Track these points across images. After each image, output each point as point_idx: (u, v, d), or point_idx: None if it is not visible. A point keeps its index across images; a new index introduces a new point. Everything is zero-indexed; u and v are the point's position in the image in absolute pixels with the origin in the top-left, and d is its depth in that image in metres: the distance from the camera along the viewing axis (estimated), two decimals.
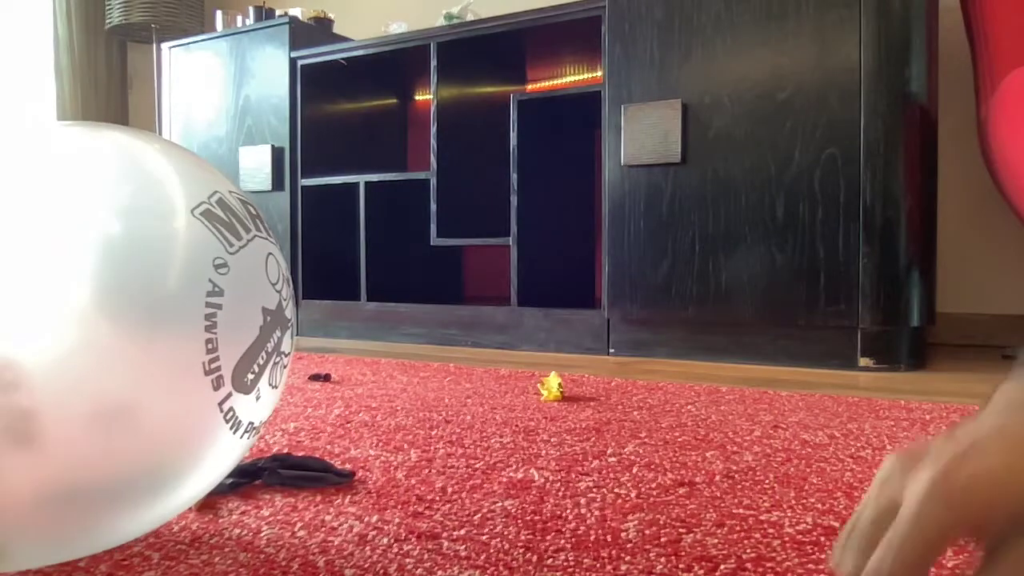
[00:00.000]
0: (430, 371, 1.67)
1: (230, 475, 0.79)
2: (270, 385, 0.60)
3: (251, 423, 0.58)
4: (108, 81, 3.76)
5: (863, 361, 1.71)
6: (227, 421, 0.55)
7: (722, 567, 0.58)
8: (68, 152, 0.54)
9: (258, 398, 0.58)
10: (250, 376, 0.56)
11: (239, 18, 2.85)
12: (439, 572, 0.58)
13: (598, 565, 0.59)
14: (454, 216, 2.35)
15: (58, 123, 0.58)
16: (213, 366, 0.52)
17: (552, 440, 1.01)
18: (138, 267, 0.50)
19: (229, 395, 0.54)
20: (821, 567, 0.58)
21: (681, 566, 0.58)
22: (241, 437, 0.58)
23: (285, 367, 0.63)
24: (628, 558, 0.60)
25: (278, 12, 2.80)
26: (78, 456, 0.48)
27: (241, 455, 0.60)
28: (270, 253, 0.61)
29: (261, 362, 0.57)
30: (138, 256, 0.51)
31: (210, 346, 0.52)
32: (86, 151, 0.55)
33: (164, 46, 2.94)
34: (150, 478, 0.52)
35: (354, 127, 2.80)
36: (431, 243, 2.33)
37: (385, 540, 0.65)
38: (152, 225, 0.52)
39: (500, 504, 0.74)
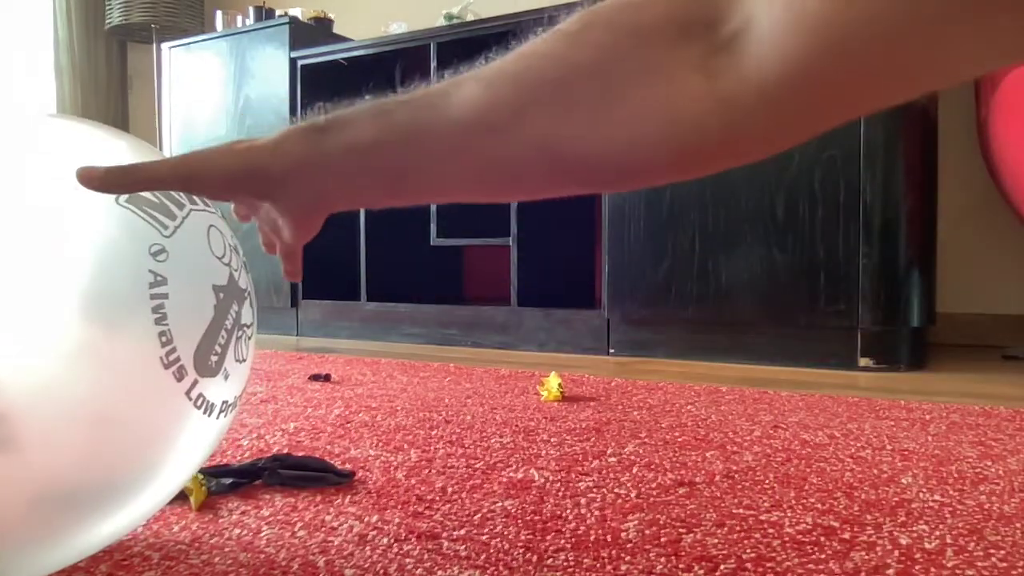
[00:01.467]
0: (430, 371, 1.67)
1: (230, 475, 0.79)
2: (236, 360, 0.59)
3: (224, 402, 0.57)
4: (108, 81, 3.76)
5: (863, 361, 1.71)
6: (199, 407, 0.54)
7: (722, 567, 0.58)
8: None
9: (226, 377, 0.57)
10: (213, 358, 0.55)
11: (239, 18, 2.85)
12: (439, 572, 0.58)
13: (598, 565, 0.59)
14: (454, 216, 2.35)
15: None
16: (171, 358, 0.51)
17: (552, 440, 1.01)
18: (75, 272, 0.49)
19: (195, 382, 0.53)
20: (821, 567, 0.58)
21: (681, 566, 0.58)
22: (217, 418, 0.57)
23: (250, 338, 0.62)
24: (628, 558, 0.60)
25: (278, 12, 2.80)
26: (54, 460, 0.47)
27: (222, 432, 0.59)
28: (211, 225, 0.58)
29: (222, 341, 0.56)
30: (72, 260, 0.49)
31: (164, 339, 0.51)
32: None
33: (164, 46, 2.94)
34: (131, 477, 0.52)
35: None
36: (431, 243, 2.33)
37: (385, 540, 0.65)
38: (75, 223, 0.50)
39: (500, 504, 0.74)
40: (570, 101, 0.38)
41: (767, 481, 0.81)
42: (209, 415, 0.55)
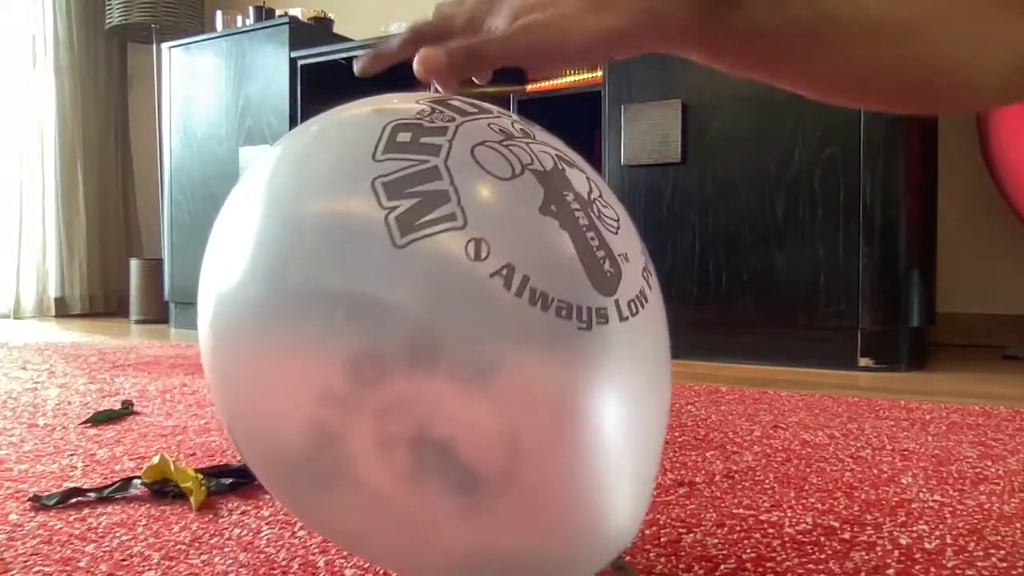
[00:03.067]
0: None
1: (230, 475, 0.79)
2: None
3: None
4: (108, 81, 3.76)
5: (863, 361, 1.71)
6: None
7: (722, 567, 0.58)
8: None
9: None
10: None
11: (239, 18, 2.85)
12: None
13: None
14: None
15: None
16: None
17: None
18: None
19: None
20: (821, 567, 0.58)
21: (681, 566, 0.58)
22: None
23: None
24: (628, 558, 0.60)
25: (278, 12, 2.80)
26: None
27: None
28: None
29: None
30: None
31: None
32: None
33: (164, 46, 2.94)
34: None
35: None
36: None
37: None
38: None
39: None
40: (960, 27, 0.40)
41: (767, 481, 0.81)
42: None
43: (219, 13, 2.93)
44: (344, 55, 2.54)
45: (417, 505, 0.40)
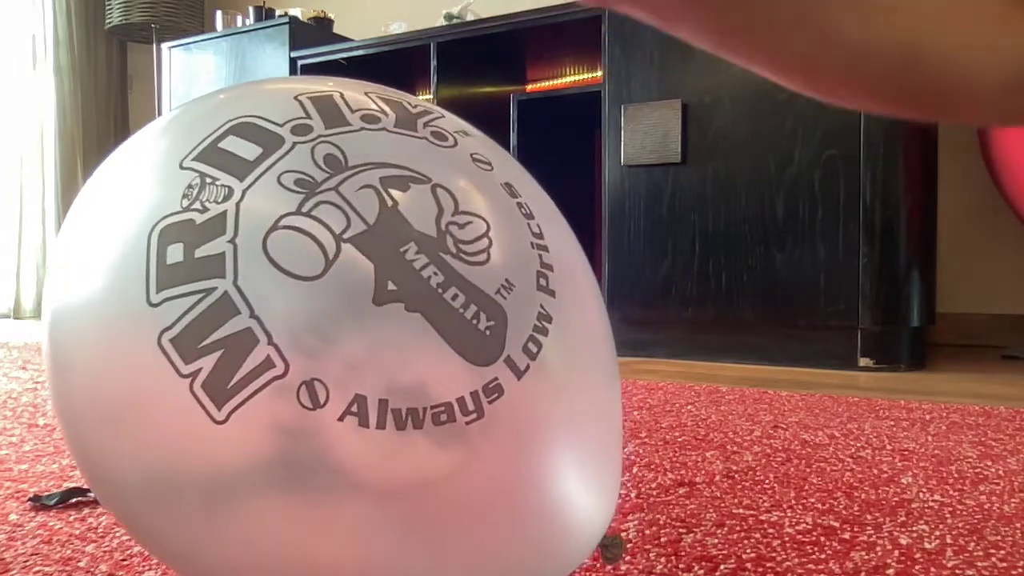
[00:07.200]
0: None
1: None
2: None
3: None
4: (108, 81, 3.76)
5: (863, 361, 1.71)
6: None
7: (722, 567, 0.58)
8: None
9: None
10: None
11: (239, 18, 2.85)
12: None
13: (598, 565, 0.59)
14: None
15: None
16: None
17: None
18: None
19: None
20: (821, 567, 0.58)
21: (681, 566, 0.58)
22: None
23: None
24: (628, 558, 0.60)
25: (278, 12, 2.80)
26: None
27: None
28: None
29: None
30: None
31: None
32: None
33: (164, 46, 2.94)
34: None
35: None
36: None
37: None
38: None
39: None
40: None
41: (767, 481, 0.81)
42: None
43: (219, 13, 2.93)
44: (344, 55, 2.54)
45: None
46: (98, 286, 0.36)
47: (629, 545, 0.63)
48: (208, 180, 0.36)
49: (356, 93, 0.42)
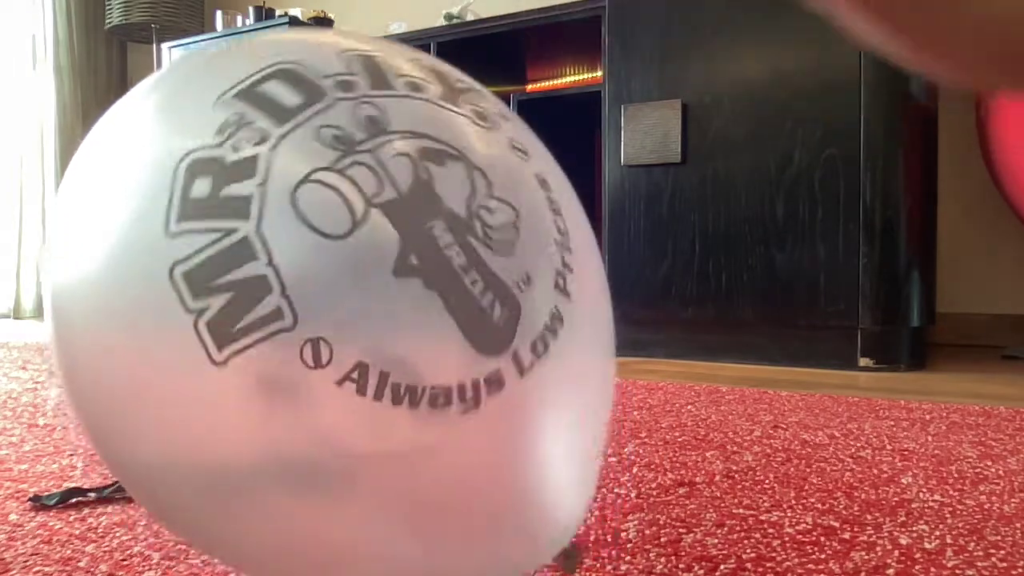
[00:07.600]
0: None
1: None
2: None
3: None
4: (108, 81, 3.76)
5: (863, 361, 1.71)
6: None
7: (722, 567, 0.58)
8: None
9: None
10: None
11: (239, 18, 2.85)
12: None
13: (598, 565, 0.59)
14: None
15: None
16: None
17: None
18: None
19: None
20: (821, 567, 0.58)
21: (681, 566, 0.58)
22: None
23: None
24: (628, 558, 0.60)
25: (278, 12, 2.80)
26: None
27: None
28: None
29: None
30: None
31: None
32: None
33: (164, 46, 2.94)
34: None
35: None
36: None
37: None
38: None
39: None
40: None
41: (767, 481, 0.81)
42: None
43: (219, 13, 2.93)
44: None
45: None
46: (114, 212, 0.35)
47: (630, 545, 0.63)
48: (246, 120, 0.35)
49: (403, 59, 0.41)
